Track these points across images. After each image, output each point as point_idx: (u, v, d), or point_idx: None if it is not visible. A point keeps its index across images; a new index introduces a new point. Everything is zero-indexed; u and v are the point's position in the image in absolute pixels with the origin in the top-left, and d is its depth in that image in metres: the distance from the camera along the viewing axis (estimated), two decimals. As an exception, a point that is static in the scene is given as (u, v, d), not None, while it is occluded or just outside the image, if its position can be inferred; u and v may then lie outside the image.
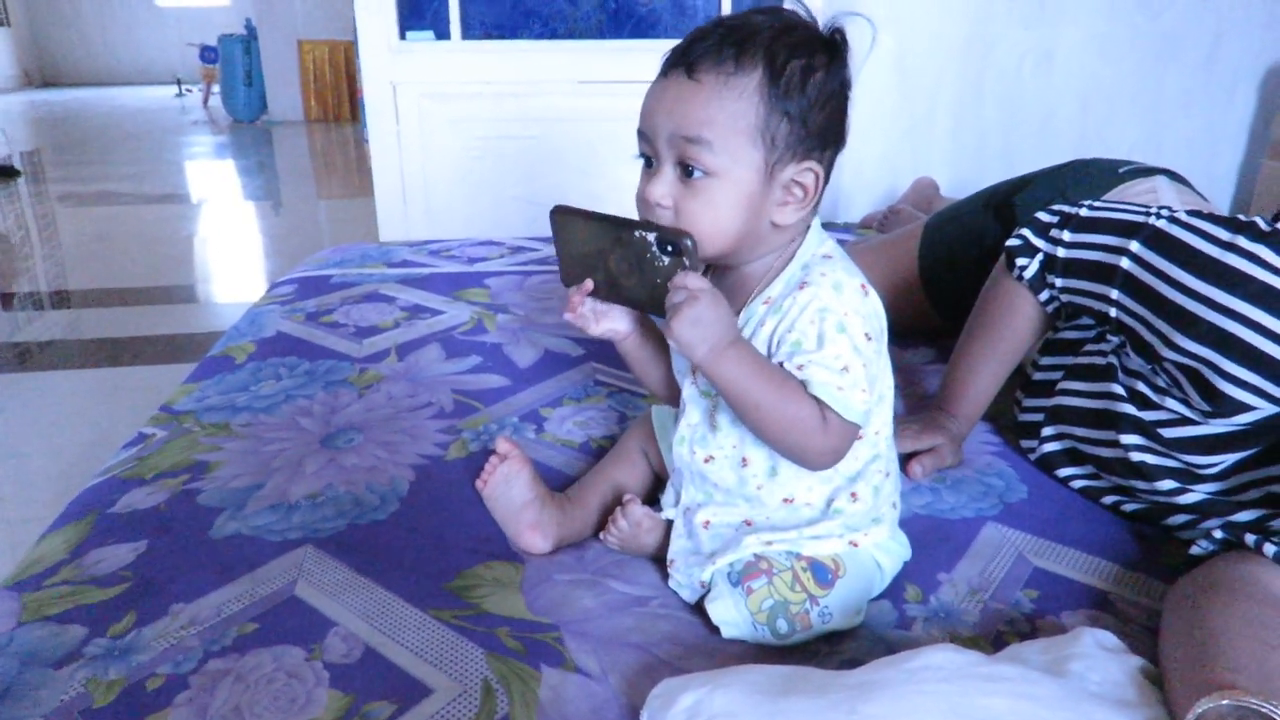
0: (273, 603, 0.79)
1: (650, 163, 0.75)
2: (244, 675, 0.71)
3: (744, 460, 0.79)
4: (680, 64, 0.71)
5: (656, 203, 0.73)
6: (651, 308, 0.76)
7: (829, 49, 0.72)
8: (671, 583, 0.82)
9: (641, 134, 0.74)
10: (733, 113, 0.70)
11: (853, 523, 0.79)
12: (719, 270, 0.80)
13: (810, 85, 0.71)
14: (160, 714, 0.67)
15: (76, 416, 2.35)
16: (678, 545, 0.82)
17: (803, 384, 0.71)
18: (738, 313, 0.77)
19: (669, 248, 0.72)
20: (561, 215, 0.77)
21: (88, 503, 0.95)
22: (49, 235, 4.49)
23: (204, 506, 0.94)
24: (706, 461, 0.81)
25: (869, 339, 0.73)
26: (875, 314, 0.75)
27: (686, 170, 0.72)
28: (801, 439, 0.72)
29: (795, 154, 0.72)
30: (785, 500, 0.79)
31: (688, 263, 0.71)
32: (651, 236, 0.72)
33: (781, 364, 0.73)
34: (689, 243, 0.71)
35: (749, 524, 0.80)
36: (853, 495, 0.80)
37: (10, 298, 3.33)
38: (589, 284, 0.79)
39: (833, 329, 0.71)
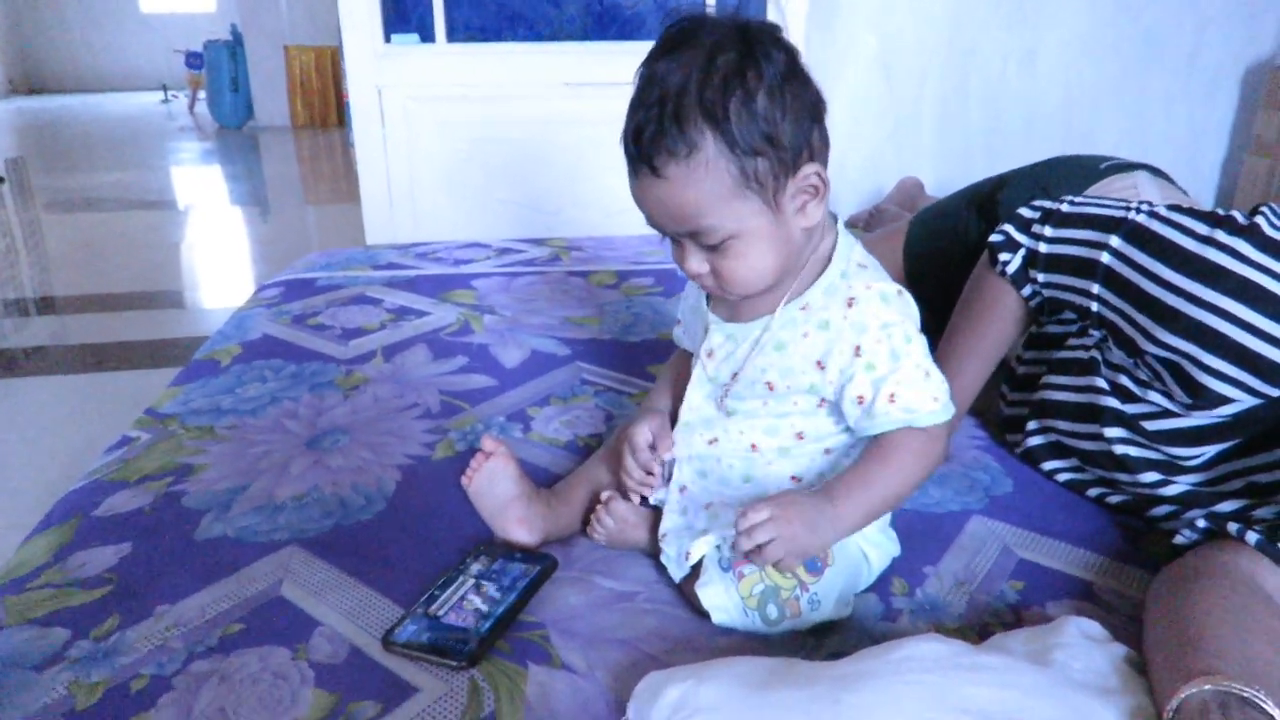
0: (258, 603, 0.79)
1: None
2: (229, 676, 0.70)
3: (753, 445, 0.81)
4: (642, 162, 0.70)
5: (696, 274, 0.75)
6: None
7: (753, 60, 0.68)
8: (662, 557, 0.82)
9: (651, 223, 0.75)
10: (711, 189, 0.69)
11: None
12: None
13: (758, 111, 0.68)
14: (143, 715, 0.66)
15: (63, 423, 2.34)
16: (670, 522, 0.83)
17: (907, 427, 0.74)
18: (768, 315, 0.78)
19: None
20: None
21: (71, 506, 0.95)
22: (34, 242, 4.47)
23: (189, 509, 0.94)
24: (710, 444, 0.83)
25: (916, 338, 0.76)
26: (916, 314, 0.78)
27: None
28: (929, 470, 0.77)
29: (787, 171, 0.71)
30: (793, 478, 0.81)
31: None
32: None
33: (861, 398, 0.74)
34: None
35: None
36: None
37: (-5, 305, 3.30)
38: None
39: (901, 341, 0.74)
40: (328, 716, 0.66)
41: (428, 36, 2.36)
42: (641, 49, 0.73)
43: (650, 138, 0.68)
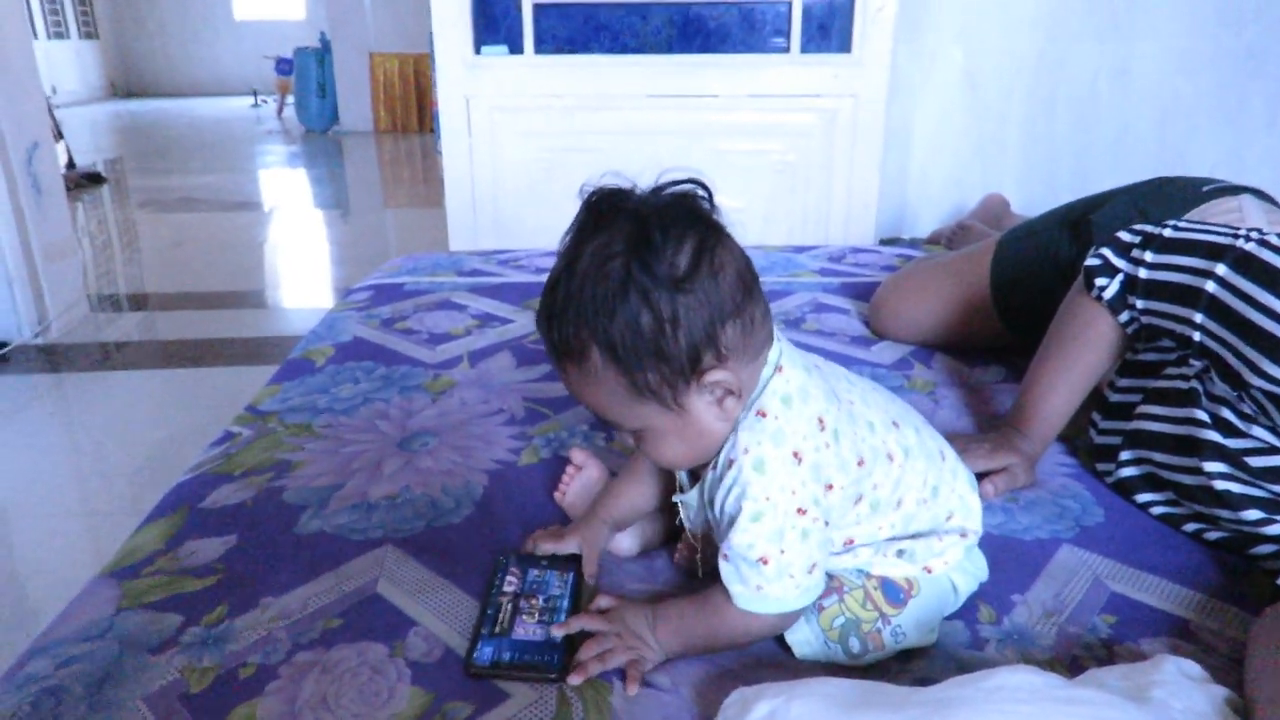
0: (356, 599, 0.82)
1: None
2: (330, 668, 0.73)
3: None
4: (550, 352, 0.70)
5: (627, 445, 0.74)
6: None
7: (644, 269, 0.63)
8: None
9: None
10: (606, 392, 0.68)
11: (925, 557, 0.79)
12: None
13: (643, 328, 0.64)
14: (251, 703, 0.70)
15: (154, 414, 2.45)
16: None
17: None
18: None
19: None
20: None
21: (180, 497, 1.00)
22: (129, 240, 4.68)
23: (289, 504, 0.98)
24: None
25: (804, 511, 0.69)
26: (815, 470, 0.69)
27: None
28: (752, 637, 0.74)
29: (685, 380, 0.67)
30: (846, 542, 0.78)
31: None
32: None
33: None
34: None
35: None
36: (914, 537, 0.79)
37: (94, 299, 3.47)
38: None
39: (748, 518, 0.68)
40: (424, 714, 0.69)
41: (516, 48, 2.41)
42: (724, 61, 0.70)
43: (546, 335, 0.68)
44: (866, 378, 0.85)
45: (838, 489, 0.72)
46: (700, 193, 0.68)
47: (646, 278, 0.63)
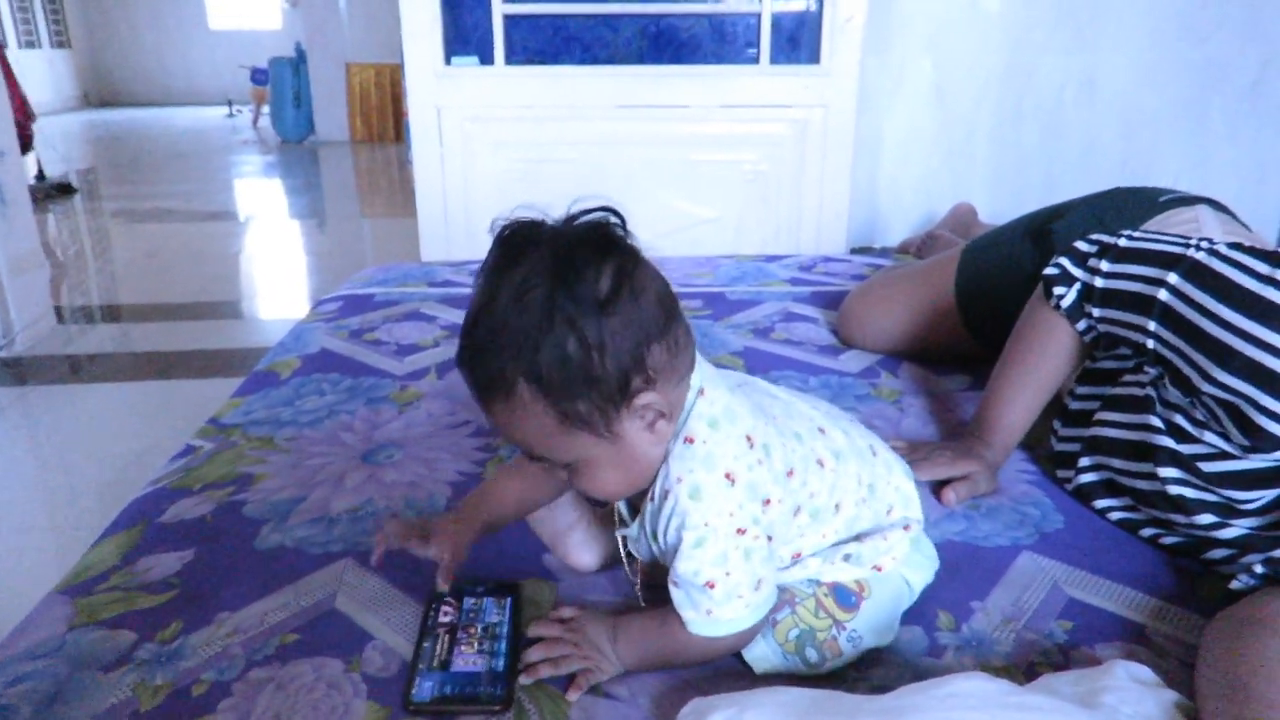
0: (314, 614, 0.81)
1: None
2: (285, 684, 0.72)
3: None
4: (472, 389, 0.68)
5: (561, 479, 0.74)
6: None
7: (565, 296, 0.62)
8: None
9: None
10: (535, 426, 0.66)
11: (872, 557, 0.79)
12: None
13: (570, 356, 0.63)
14: (203, 719, 0.69)
15: (124, 427, 2.42)
16: None
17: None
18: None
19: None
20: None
21: (138, 511, 0.99)
22: (102, 251, 4.63)
23: (249, 518, 0.97)
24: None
25: (744, 531, 0.69)
26: (751, 489, 0.69)
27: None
28: (708, 657, 0.74)
29: (615, 406, 0.66)
30: (794, 556, 0.78)
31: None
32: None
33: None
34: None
35: None
36: (858, 538, 0.79)
37: (64, 311, 3.43)
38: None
39: (690, 545, 0.68)
40: (379, 728, 0.68)
41: (487, 59, 2.42)
42: (695, 72, 0.70)
43: (470, 373, 0.67)
44: (789, 387, 0.85)
45: (775, 503, 0.72)
46: (614, 220, 0.67)
47: (570, 304, 0.62)
